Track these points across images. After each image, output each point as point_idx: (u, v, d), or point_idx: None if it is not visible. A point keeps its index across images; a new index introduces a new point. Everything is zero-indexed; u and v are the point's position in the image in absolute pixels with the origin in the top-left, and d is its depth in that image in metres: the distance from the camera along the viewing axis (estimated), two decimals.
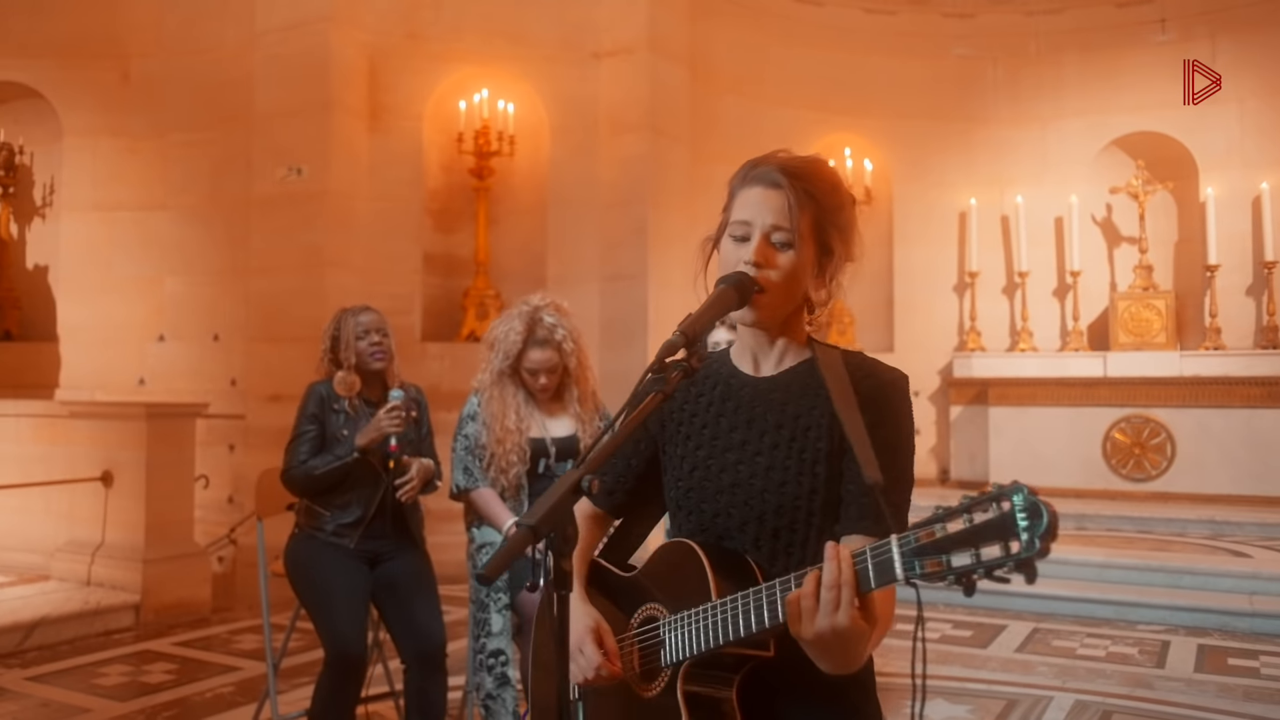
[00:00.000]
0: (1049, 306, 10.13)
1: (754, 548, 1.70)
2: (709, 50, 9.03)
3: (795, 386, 1.76)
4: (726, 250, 1.72)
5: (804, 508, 1.68)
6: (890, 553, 1.34)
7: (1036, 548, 1.18)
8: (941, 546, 1.27)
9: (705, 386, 1.83)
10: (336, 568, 3.69)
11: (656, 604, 1.74)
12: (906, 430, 1.73)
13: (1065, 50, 10.01)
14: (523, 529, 1.34)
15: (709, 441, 1.78)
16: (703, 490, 1.76)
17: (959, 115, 10.12)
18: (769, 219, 1.68)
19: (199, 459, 6.83)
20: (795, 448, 1.70)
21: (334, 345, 3.86)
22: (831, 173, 1.76)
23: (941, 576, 1.26)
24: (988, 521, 1.22)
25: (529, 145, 8.09)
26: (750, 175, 1.73)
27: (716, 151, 8.89)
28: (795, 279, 1.70)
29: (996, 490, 1.22)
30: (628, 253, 7.99)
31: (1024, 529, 1.18)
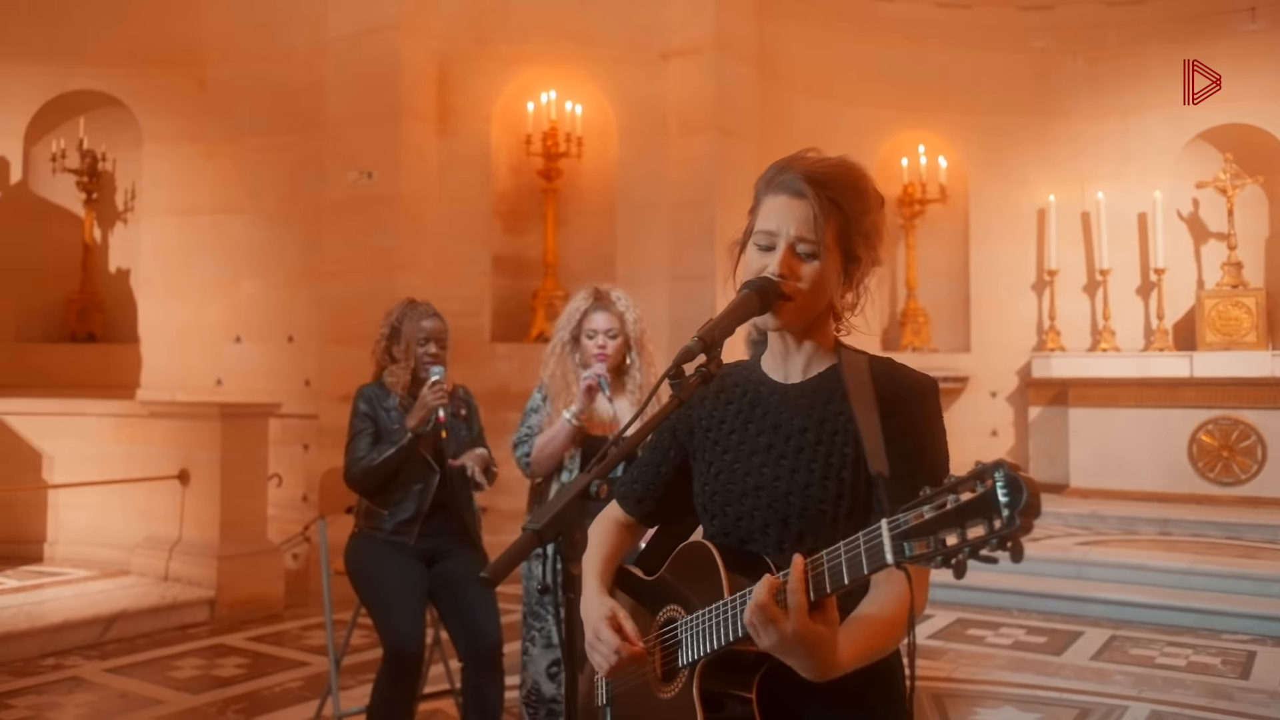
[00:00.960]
0: (1132, 305, 9.86)
1: (777, 551, 1.69)
2: (778, 49, 8.96)
3: (822, 392, 1.75)
4: (751, 258, 1.73)
5: (829, 512, 1.67)
6: (880, 537, 1.33)
7: (1017, 524, 1.16)
8: (929, 527, 1.26)
9: (735, 394, 1.84)
10: (395, 566, 3.73)
11: (676, 605, 1.74)
12: (933, 435, 1.71)
13: (1148, 41, 9.73)
14: (528, 532, 1.34)
15: (736, 447, 1.79)
16: (727, 494, 1.76)
17: (1036, 110, 9.90)
18: (793, 230, 1.67)
19: (274, 458, 6.96)
20: (821, 452, 1.70)
21: (392, 336, 3.90)
22: (858, 177, 1.74)
23: (930, 558, 1.25)
24: (972, 500, 1.21)
25: (597, 146, 8.10)
26: (775, 182, 1.73)
27: (787, 151, 8.49)
28: (820, 288, 1.69)
29: (979, 468, 1.21)
30: (696, 253, 7.97)
31: (1005, 505, 1.17)
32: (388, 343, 3.92)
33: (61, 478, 7.22)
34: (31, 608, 5.87)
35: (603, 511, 2.02)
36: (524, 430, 3.84)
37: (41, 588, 6.38)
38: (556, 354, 3.90)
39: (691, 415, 1.87)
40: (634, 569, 1.93)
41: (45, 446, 7.34)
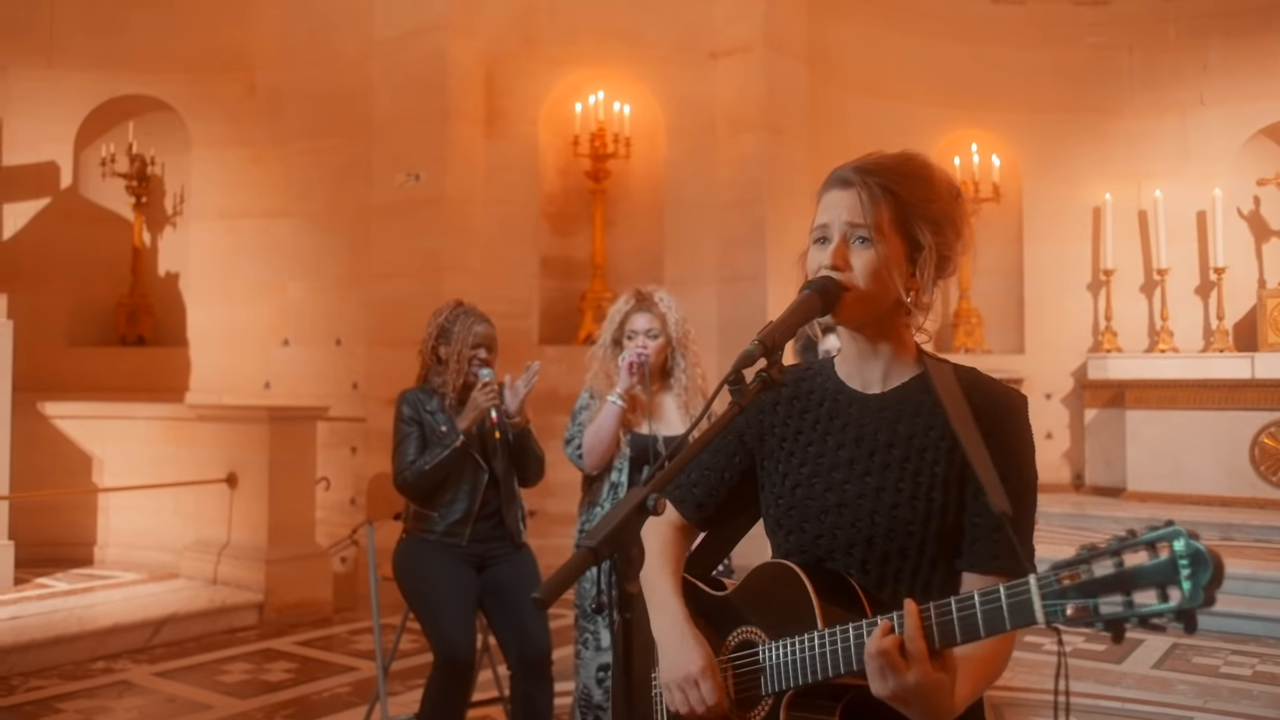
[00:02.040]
0: (1191, 305, 9.62)
1: (860, 571, 1.62)
2: (828, 46, 8.84)
3: (908, 405, 1.67)
4: (811, 257, 1.66)
5: (917, 534, 1.59)
6: (1029, 593, 1.27)
7: (1201, 599, 1.11)
8: (1088, 590, 1.20)
9: (811, 402, 1.75)
10: (444, 571, 3.68)
11: (753, 627, 1.66)
12: (1029, 457, 1.63)
13: (1207, 35, 9.51)
14: (583, 550, 1.26)
15: (814, 459, 1.70)
16: (805, 509, 1.68)
17: (1092, 107, 9.70)
18: (844, 217, 1.61)
19: (322, 461, 6.95)
20: (909, 470, 1.61)
21: (440, 337, 3.85)
22: (919, 165, 1.67)
23: (1088, 622, 1.20)
24: (1142, 567, 1.16)
25: (645, 147, 8.03)
26: (828, 180, 1.68)
27: (838, 149, 8.57)
28: (878, 277, 1.60)
29: (1151, 534, 1.16)
30: (746, 254, 7.87)
31: (1186, 577, 1.12)
32: (435, 344, 3.87)
33: (111, 481, 7.26)
34: (82, 611, 5.89)
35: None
36: (574, 428, 3.83)
37: (91, 591, 6.41)
38: (600, 357, 3.90)
39: (763, 421, 1.79)
40: (698, 582, 1.84)
41: (95, 450, 7.39)
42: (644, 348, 3.79)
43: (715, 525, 1.89)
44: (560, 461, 3.95)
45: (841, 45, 9.00)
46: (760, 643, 1.63)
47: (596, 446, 3.75)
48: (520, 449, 3.84)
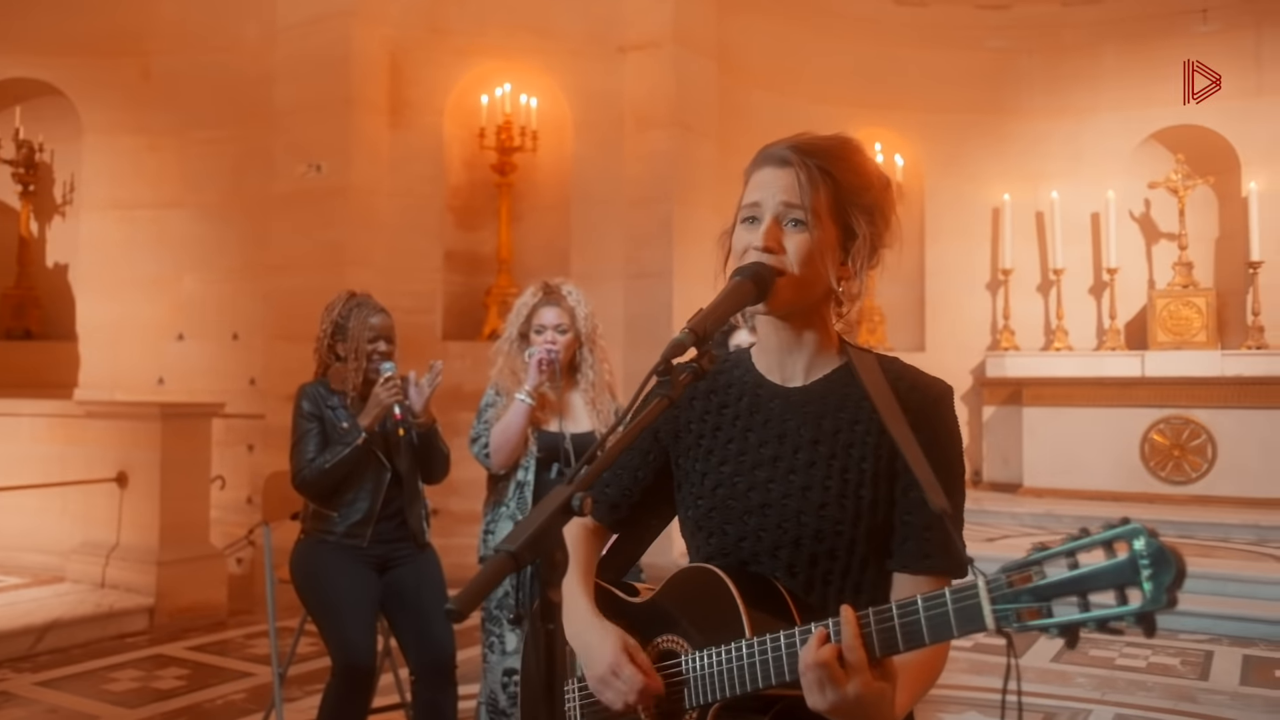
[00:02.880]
0: (1085, 304, 9.89)
1: (787, 575, 1.54)
2: (738, 43, 8.86)
3: (832, 398, 1.59)
4: (737, 237, 1.57)
5: (846, 534, 1.52)
6: (977, 597, 1.20)
7: (1164, 601, 1.05)
8: (1040, 593, 1.14)
9: (729, 396, 1.67)
10: (344, 574, 3.57)
11: (675, 636, 1.57)
12: (958, 450, 1.57)
13: (1103, 41, 9.78)
14: (502, 555, 1.14)
15: (735, 457, 1.61)
16: (727, 510, 1.59)
17: (992, 108, 9.90)
18: (779, 197, 1.52)
19: (217, 459, 6.75)
20: (836, 467, 1.54)
21: (336, 333, 3.72)
22: (854, 150, 1.59)
23: (1042, 627, 1.13)
24: (1099, 568, 1.10)
25: (552, 141, 7.96)
26: (760, 157, 1.59)
27: (746, 147, 8.50)
28: (811, 263, 1.52)
29: (1108, 532, 1.10)
30: (653, 250, 7.85)
31: (1147, 578, 1.06)
32: (331, 340, 3.74)
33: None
34: None
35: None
36: (480, 426, 3.73)
37: None
38: (505, 352, 3.81)
39: (679, 417, 1.69)
40: (612, 588, 1.75)
41: None
42: (553, 343, 3.72)
43: (628, 527, 1.80)
44: (464, 459, 3.87)
45: (749, 42, 9.03)
46: (683, 652, 1.54)
47: (504, 445, 3.67)
48: (426, 448, 3.74)
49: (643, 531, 1.83)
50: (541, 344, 3.73)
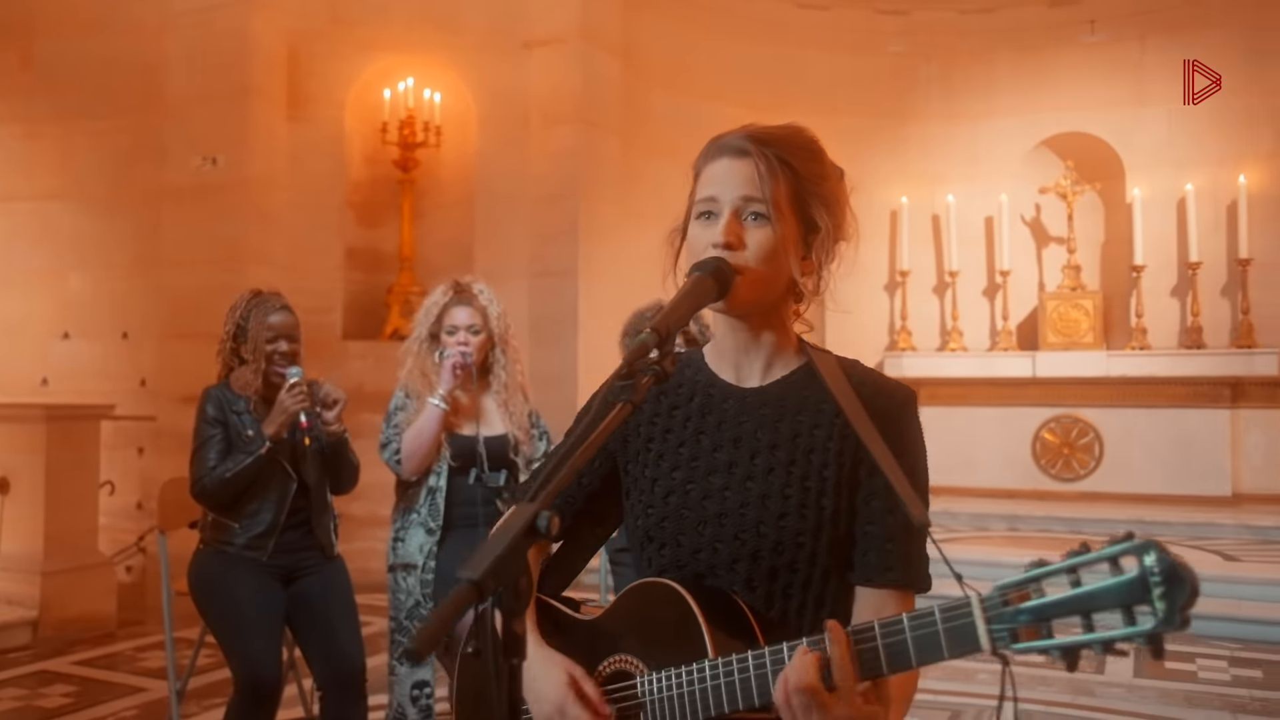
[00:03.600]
0: (979, 306, 10.13)
1: (745, 588, 1.46)
2: (641, 41, 8.84)
3: (790, 400, 1.52)
4: (693, 234, 1.50)
5: (808, 546, 1.45)
6: (970, 616, 1.13)
7: (1177, 621, 0.99)
8: (1040, 612, 1.08)
9: (680, 397, 1.58)
10: (247, 586, 3.42)
11: (629, 656, 1.48)
12: (924, 459, 1.51)
13: (997, 49, 10.00)
14: (463, 585, 1.03)
15: (687, 463, 1.53)
16: (681, 520, 1.50)
17: (891, 112, 10.05)
18: (738, 190, 1.46)
19: (105, 463, 6.49)
20: (796, 474, 1.47)
21: (238, 334, 3.58)
22: (810, 139, 1.54)
23: (1043, 649, 1.07)
24: (1106, 586, 1.03)
25: (456, 137, 7.83)
26: (714, 147, 1.51)
27: (648, 145, 8.73)
28: (774, 259, 1.46)
29: (1114, 547, 1.03)
30: (558, 248, 7.78)
31: (1160, 596, 1.00)
32: (234, 342, 3.60)
33: None
34: None
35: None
36: (390, 431, 3.65)
37: None
38: (415, 352, 3.74)
39: (627, 420, 1.56)
40: (556, 603, 1.65)
41: None
42: (465, 344, 3.66)
43: (572, 537, 1.70)
44: (369, 462, 3.77)
45: (652, 41, 9.01)
46: (638, 674, 1.45)
47: (416, 451, 3.59)
48: (335, 458, 3.62)
49: (587, 541, 1.73)
50: (454, 345, 3.66)
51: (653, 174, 8.83)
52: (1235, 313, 9.25)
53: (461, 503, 3.63)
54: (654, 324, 1.29)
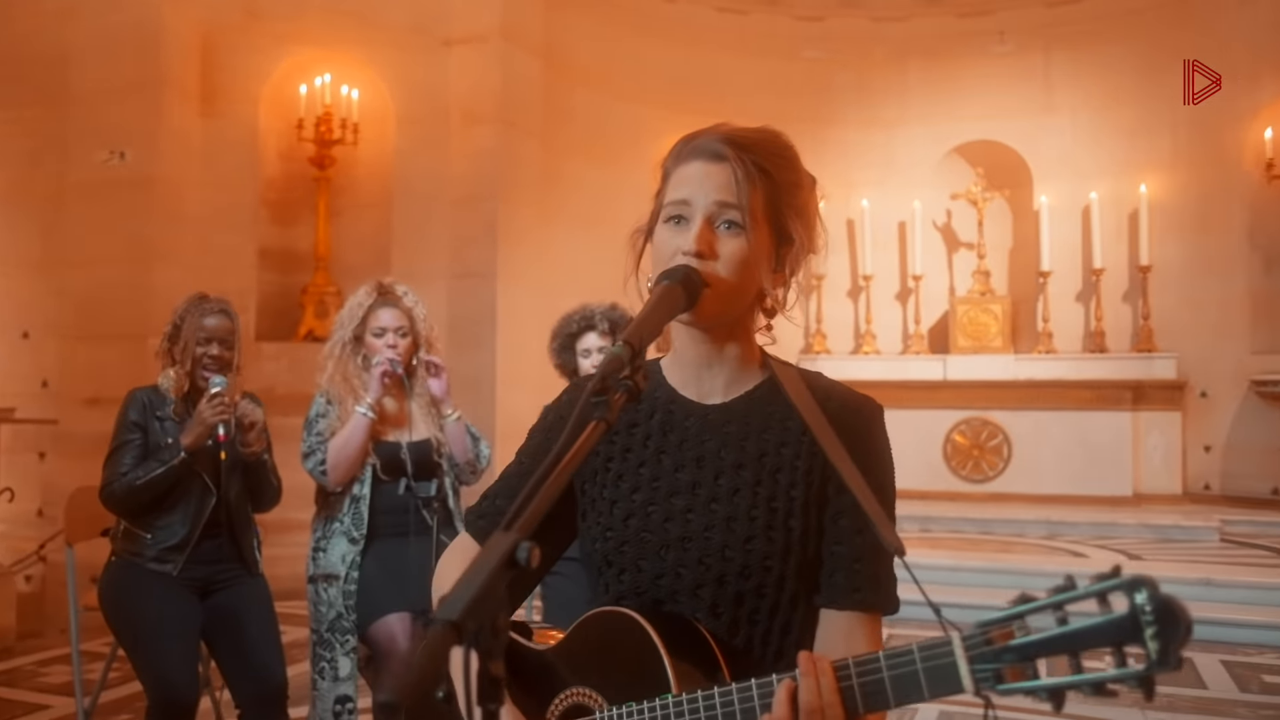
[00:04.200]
0: (892, 310, 10.30)
1: (710, 616, 1.40)
2: (563, 42, 8.79)
3: (755, 417, 1.46)
4: (662, 238, 1.43)
5: (776, 569, 1.39)
6: (951, 656, 1.09)
7: (1172, 662, 0.96)
8: (1025, 651, 1.04)
9: (639, 414, 1.51)
10: (161, 600, 3.29)
11: (586, 689, 1.41)
12: (891, 475, 1.47)
13: (910, 57, 10.18)
14: (441, 627, 0.92)
15: (648, 483, 1.46)
16: (642, 544, 1.44)
17: (807, 117, 10.11)
18: (712, 196, 1.39)
19: (4, 468, 6.25)
20: (762, 495, 1.41)
21: (173, 335, 3.47)
22: (786, 145, 1.48)
23: (1029, 690, 1.03)
24: (1095, 624, 1.00)
25: (374, 134, 7.68)
26: (688, 148, 1.45)
27: (568, 146, 8.71)
28: (745, 270, 1.39)
29: (1102, 584, 0.99)
30: (477, 250, 7.69)
31: (1153, 636, 0.96)
32: (169, 343, 3.48)
33: None
34: None
35: (454, 550, 1.63)
36: (312, 439, 3.55)
37: None
38: (337, 355, 3.65)
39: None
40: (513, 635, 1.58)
41: None
42: (394, 347, 3.60)
43: None
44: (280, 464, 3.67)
45: (574, 41, 8.97)
46: (596, 708, 1.38)
47: (343, 462, 3.52)
48: (254, 478, 3.51)
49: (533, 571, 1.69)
50: (382, 347, 3.59)
51: (573, 175, 8.81)
52: (1136, 318, 9.55)
53: (386, 511, 3.57)
54: (626, 336, 1.23)
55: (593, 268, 8.87)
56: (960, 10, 10.00)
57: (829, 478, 1.42)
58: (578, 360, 4.20)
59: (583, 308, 4.29)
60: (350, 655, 3.43)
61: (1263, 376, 8.73)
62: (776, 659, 1.42)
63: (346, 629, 3.44)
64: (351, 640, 3.44)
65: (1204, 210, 9.29)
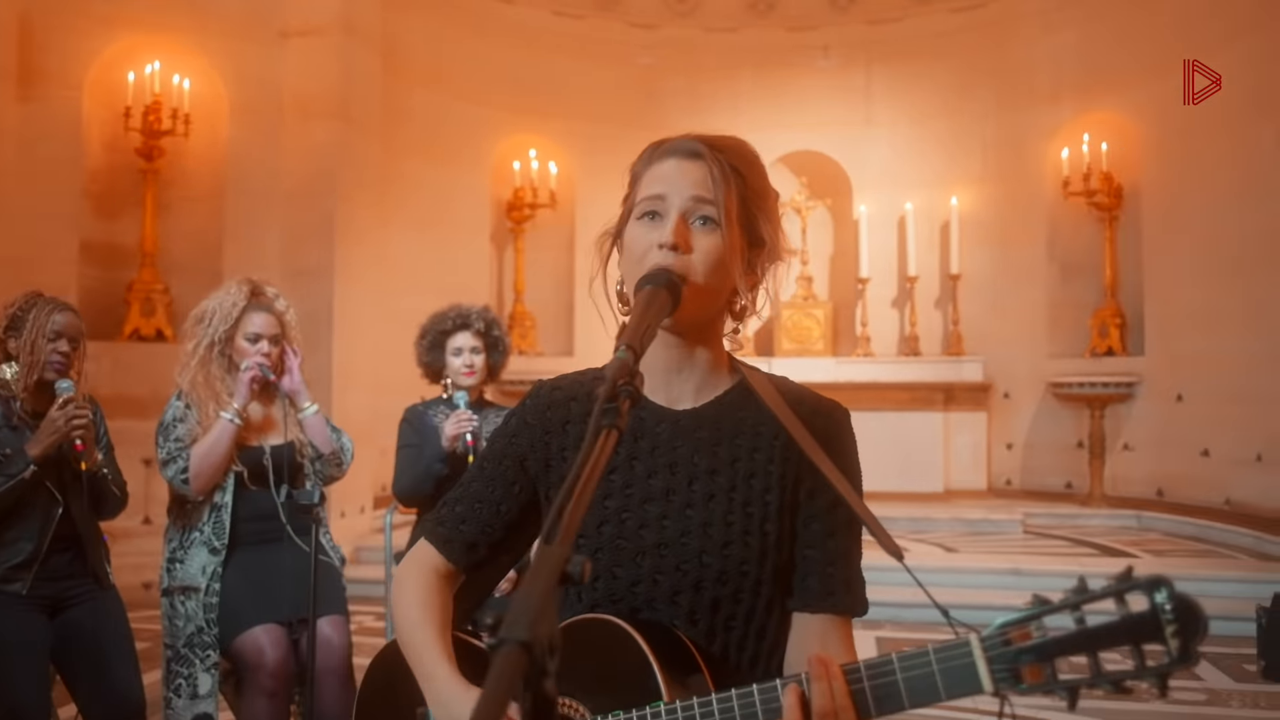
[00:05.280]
0: None
1: (687, 622, 1.39)
2: (402, 39, 8.65)
3: (727, 422, 1.46)
4: (634, 234, 1.42)
5: (752, 574, 1.39)
6: (970, 656, 1.10)
7: (1191, 658, 0.99)
8: (1044, 651, 1.06)
9: None
10: (6, 622, 3.08)
11: (568, 700, 1.38)
12: (860, 478, 1.47)
13: (740, 67, 10.46)
14: (511, 648, 0.84)
15: (621, 490, 1.44)
16: (617, 551, 1.41)
17: (642, 123, 10.24)
18: (688, 191, 1.40)
19: None
20: (737, 500, 1.41)
21: (10, 328, 3.24)
22: (756, 153, 1.51)
23: (1046, 688, 1.05)
24: (1116, 623, 1.02)
25: (206, 126, 7.36)
26: (662, 149, 1.46)
27: (406, 145, 8.59)
28: (720, 268, 1.38)
29: (1120, 584, 1.02)
30: (313, 248, 7.48)
31: (1173, 634, 0.99)
32: (3, 337, 3.27)
33: None
34: None
35: (412, 559, 1.57)
36: (171, 445, 3.38)
37: None
38: (200, 357, 3.50)
39: (550, 444, 1.51)
40: (476, 640, 1.54)
41: None
42: (267, 355, 3.49)
43: (481, 568, 1.58)
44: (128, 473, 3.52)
45: (414, 39, 8.85)
46: (578, 718, 1.36)
47: (207, 469, 3.38)
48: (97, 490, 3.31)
49: (493, 572, 1.62)
50: (253, 353, 3.48)
51: (411, 174, 8.70)
52: (947, 323, 10.11)
53: (249, 519, 3.45)
54: (627, 341, 1.20)
55: (432, 268, 8.83)
56: (788, 24, 10.36)
57: (802, 481, 1.43)
58: (447, 359, 4.19)
59: (456, 306, 4.27)
60: (211, 671, 3.28)
61: (1058, 379, 9.39)
62: (752, 665, 1.42)
63: (208, 644, 3.29)
64: (213, 655, 3.29)
65: (1008, 223, 9.91)
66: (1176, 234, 8.66)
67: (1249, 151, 7.75)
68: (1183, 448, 8.56)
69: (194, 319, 3.56)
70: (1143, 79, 8.78)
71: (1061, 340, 9.63)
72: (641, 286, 1.33)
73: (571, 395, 1.56)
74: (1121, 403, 9.12)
